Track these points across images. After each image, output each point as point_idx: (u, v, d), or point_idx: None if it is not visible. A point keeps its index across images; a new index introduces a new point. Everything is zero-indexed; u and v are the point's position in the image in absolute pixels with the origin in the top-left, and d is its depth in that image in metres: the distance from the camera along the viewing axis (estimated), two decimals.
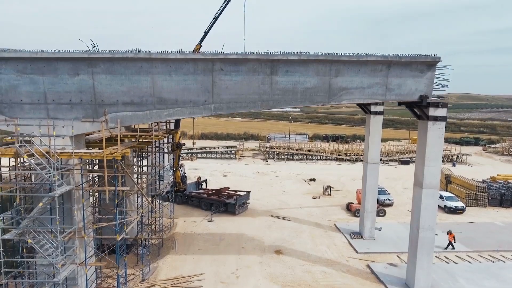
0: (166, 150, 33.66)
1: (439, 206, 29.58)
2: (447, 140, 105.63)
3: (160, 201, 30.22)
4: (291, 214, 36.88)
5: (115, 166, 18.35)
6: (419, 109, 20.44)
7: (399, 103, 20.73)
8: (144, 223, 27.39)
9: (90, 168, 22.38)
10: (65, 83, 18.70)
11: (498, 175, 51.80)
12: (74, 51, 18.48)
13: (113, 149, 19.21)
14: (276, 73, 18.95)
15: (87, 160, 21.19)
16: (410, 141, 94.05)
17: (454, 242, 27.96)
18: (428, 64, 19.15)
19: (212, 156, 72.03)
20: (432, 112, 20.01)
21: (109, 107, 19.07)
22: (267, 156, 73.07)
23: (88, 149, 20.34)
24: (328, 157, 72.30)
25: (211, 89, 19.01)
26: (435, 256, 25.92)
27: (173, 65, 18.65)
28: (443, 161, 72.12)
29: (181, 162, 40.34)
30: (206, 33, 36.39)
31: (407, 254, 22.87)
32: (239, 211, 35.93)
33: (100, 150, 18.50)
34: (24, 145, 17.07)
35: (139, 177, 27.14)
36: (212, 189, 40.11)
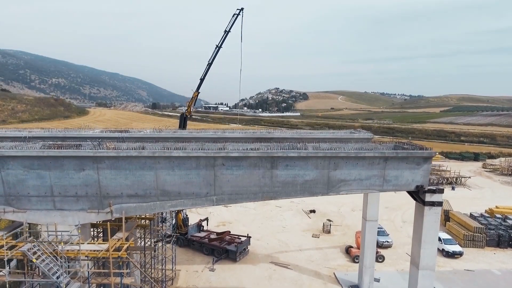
0: None
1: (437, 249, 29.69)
2: (447, 155, 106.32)
3: (163, 243, 30.63)
4: (291, 259, 37.45)
5: (120, 262, 18.89)
6: (416, 194, 20.96)
7: None
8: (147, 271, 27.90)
9: (96, 264, 22.80)
10: (71, 177, 19.26)
11: (496, 206, 52.35)
12: (81, 148, 19.02)
13: (118, 239, 19.75)
14: (276, 167, 19.48)
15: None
16: None
17: None
18: (424, 157, 19.66)
19: None
20: (429, 197, 20.54)
21: (113, 199, 19.62)
22: None
23: (93, 239, 20.80)
24: None
25: (213, 182, 19.54)
26: None
27: (176, 161, 19.18)
28: (442, 184, 72.95)
29: None
30: (202, 80, 37.16)
31: None
32: (240, 257, 36.51)
33: (105, 244, 19.03)
34: (34, 246, 17.64)
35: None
36: (213, 232, 40.67)
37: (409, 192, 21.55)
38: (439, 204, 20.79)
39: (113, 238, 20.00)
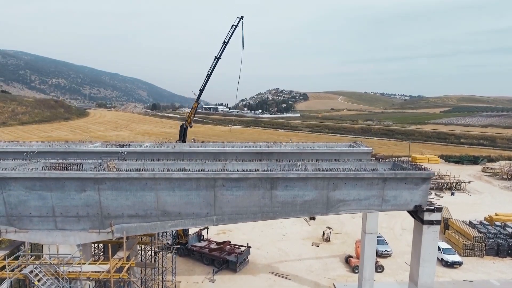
0: None
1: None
2: (447, 159, 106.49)
3: (164, 255, 30.74)
4: (291, 269, 37.61)
5: (121, 283, 19.05)
6: (414, 213, 21.11)
7: None
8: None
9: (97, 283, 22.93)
10: (73, 198, 19.42)
11: (496, 214, 52.45)
12: (82, 170, 19.17)
13: (119, 259, 19.90)
14: (276, 188, 19.63)
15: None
16: (409, 158, 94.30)
17: None
18: (423, 178, 19.81)
19: None
20: (427, 216, 20.69)
21: (114, 219, 19.77)
22: None
23: (95, 260, 20.96)
24: None
25: (213, 202, 19.70)
26: None
27: (177, 182, 19.34)
28: (442, 189, 73.05)
29: None
30: (201, 91, 37.43)
31: None
32: (240, 268, 36.67)
33: (106, 265, 19.19)
34: (35, 267, 17.80)
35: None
36: (213, 241, 40.83)
37: (407, 211, 21.69)
38: (438, 222, 20.94)
39: (114, 257, 20.16)
